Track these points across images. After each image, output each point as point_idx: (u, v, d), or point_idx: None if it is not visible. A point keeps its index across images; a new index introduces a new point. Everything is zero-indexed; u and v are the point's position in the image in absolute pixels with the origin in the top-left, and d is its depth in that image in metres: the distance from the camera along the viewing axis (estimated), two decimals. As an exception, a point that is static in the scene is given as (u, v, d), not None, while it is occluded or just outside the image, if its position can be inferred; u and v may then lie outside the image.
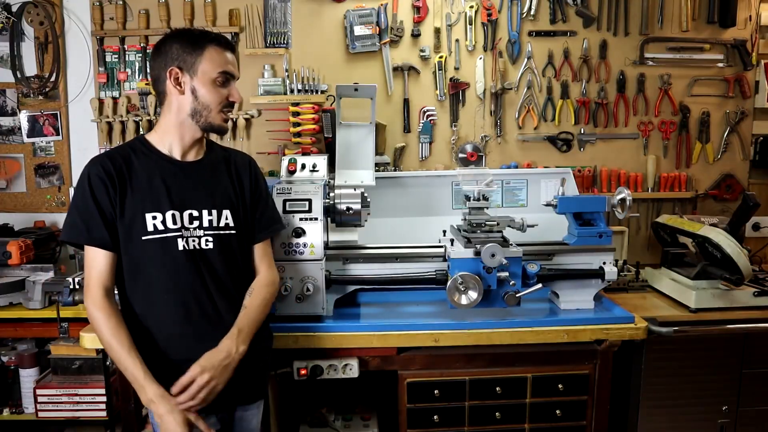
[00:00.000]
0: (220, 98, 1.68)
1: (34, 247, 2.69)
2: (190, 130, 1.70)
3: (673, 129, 3.01)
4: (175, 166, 1.70)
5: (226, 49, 1.70)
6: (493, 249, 1.96)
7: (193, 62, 1.65)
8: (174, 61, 1.65)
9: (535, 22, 2.92)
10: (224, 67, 1.68)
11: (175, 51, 1.66)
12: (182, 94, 1.67)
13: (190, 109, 1.67)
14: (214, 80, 1.66)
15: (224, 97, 1.69)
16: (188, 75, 1.66)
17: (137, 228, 1.62)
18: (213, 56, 1.66)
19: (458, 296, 2.00)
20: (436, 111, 2.94)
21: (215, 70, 1.66)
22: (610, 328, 2.11)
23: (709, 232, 2.35)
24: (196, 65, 1.66)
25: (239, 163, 1.84)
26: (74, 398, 2.57)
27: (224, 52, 1.68)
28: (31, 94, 2.94)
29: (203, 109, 1.67)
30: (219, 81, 1.67)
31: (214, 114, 1.68)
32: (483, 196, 2.18)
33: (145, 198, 1.64)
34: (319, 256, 2.06)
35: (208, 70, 1.66)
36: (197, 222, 1.68)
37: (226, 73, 1.68)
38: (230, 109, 1.73)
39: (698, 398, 2.41)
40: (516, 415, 2.16)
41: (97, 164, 1.64)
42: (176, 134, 1.71)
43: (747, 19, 2.95)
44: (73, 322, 2.51)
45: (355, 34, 2.85)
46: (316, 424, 2.40)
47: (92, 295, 1.60)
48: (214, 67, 1.66)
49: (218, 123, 1.70)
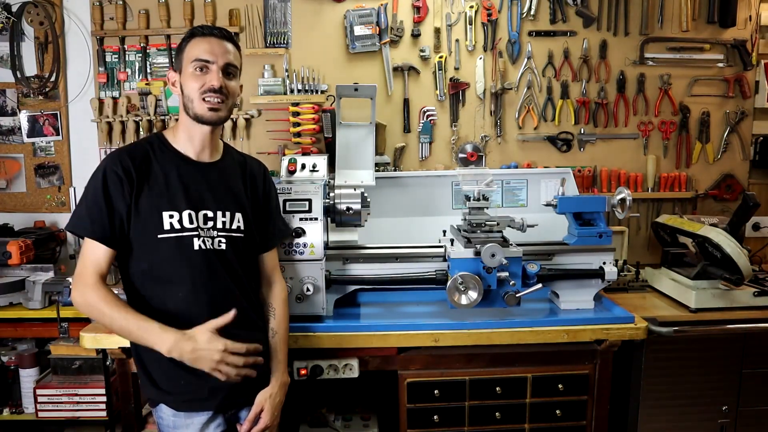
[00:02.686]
0: (198, 85, 1.67)
1: (34, 247, 2.69)
2: (194, 128, 1.72)
3: (673, 129, 3.01)
4: (191, 165, 1.73)
5: (207, 36, 1.69)
6: (493, 249, 1.95)
7: (180, 60, 1.71)
8: (173, 65, 1.75)
9: (535, 22, 2.92)
10: (197, 54, 1.67)
11: (174, 56, 1.76)
12: (179, 94, 1.72)
13: (183, 104, 1.71)
14: (193, 70, 1.67)
15: (201, 83, 1.67)
16: (177, 73, 1.72)
17: (153, 226, 1.63)
18: (191, 48, 1.69)
19: (458, 296, 2.00)
20: (436, 111, 2.94)
21: (190, 60, 1.68)
22: (610, 328, 2.11)
23: (709, 232, 2.34)
24: (181, 62, 1.70)
25: (254, 169, 1.87)
26: (74, 398, 2.57)
27: (202, 41, 1.68)
28: (31, 94, 2.94)
29: (188, 100, 1.69)
30: (196, 69, 1.67)
31: (197, 103, 1.68)
32: (483, 196, 2.18)
33: (162, 196, 1.65)
34: (319, 256, 2.06)
35: (186, 62, 1.69)
36: (211, 223, 1.70)
37: (199, 60, 1.67)
38: (213, 96, 1.67)
39: (698, 398, 2.41)
40: (516, 415, 2.16)
41: (116, 159, 1.66)
42: (186, 133, 1.74)
43: (747, 19, 2.95)
44: (73, 322, 2.51)
45: (355, 34, 2.84)
46: (316, 424, 2.40)
47: (85, 280, 1.60)
48: (190, 57, 1.68)
49: (200, 112, 1.68)
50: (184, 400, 1.66)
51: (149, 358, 1.65)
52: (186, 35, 1.72)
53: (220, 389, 1.65)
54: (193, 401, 1.66)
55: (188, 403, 1.66)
